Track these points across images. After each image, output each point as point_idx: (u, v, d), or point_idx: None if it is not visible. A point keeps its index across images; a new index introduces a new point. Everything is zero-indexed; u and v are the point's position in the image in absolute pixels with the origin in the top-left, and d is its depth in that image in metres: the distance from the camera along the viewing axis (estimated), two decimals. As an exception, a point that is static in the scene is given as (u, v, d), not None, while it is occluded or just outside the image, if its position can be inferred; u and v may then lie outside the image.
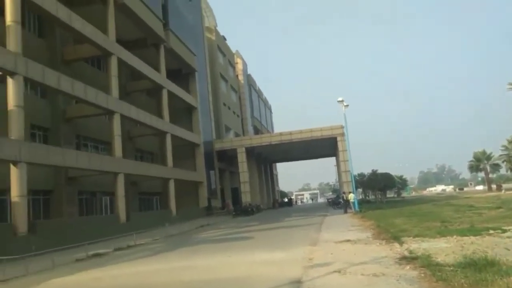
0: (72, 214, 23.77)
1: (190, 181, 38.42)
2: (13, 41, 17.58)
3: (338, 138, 42.62)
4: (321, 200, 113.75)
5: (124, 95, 30.49)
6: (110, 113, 25.71)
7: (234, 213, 37.86)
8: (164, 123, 33.23)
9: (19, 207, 16.81)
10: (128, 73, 32.96)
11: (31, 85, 21.50)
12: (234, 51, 64.43)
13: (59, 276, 11.16)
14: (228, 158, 49.02)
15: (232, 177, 51.57)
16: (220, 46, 55.44)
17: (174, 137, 34.79)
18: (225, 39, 60.38)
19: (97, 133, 27.61)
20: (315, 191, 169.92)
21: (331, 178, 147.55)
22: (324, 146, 51.23)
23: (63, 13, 21.26)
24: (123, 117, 26.84)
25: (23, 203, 17.06)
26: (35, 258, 13.72)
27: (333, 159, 63.52)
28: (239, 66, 64.94)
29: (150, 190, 34.70)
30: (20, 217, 16.78)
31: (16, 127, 17.12)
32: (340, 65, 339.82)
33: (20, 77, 17.69)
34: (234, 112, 58.84)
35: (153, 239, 19.68)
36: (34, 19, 23.68)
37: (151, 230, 23.68)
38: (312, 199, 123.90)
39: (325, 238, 14.42)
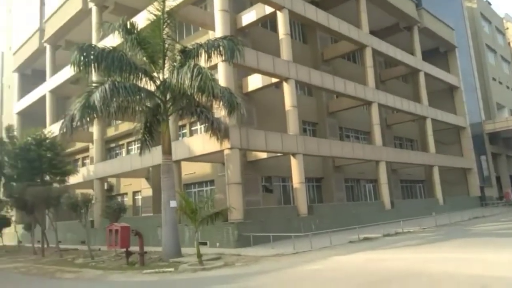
0: (340, 199, 25.94)
1: (457, 168, 35.21)
2: (286, 51, 20.64)
3: None
4: None
5: (379, 83, 30.80)
6: (367, 103, 26.55)
7: (516, 204, 32.35)
8: (422, 108, 31.66)
9: (299, 192, 19.73)
10: (381, 62, 33.11)
11: (300, 86, 24.63)
12: (502, 15, 54.58)
13: (338, 255, 12.52)
14: (503, 140, 42.35)
15: (510, 163, 44.06)
16: (483, 14, 48.12)
17: (434, 121, 32.65)
18: (489, 3, 51.97)
19: (356, 123, 29.00)
20: None
21: None
22: None
23: (322, 17, 23.40)
24: (380, 106, 27.20)
25: (302, 188, 19.89)
26: (314, 236, 15.71)
27: None
28: (510, 32, 54.55)
29: (412, 177, 33.76)
30: (301, 201, 19.66)
31: (292, 124, 20.09)
32: None
33: (292, 81, 20.61)
34: (507, 87, 49.99)
35: (421, 228, 19.19)
36: (298, 28, 27.00)
37: (417, 218, 23.10)
38: None
39: None
